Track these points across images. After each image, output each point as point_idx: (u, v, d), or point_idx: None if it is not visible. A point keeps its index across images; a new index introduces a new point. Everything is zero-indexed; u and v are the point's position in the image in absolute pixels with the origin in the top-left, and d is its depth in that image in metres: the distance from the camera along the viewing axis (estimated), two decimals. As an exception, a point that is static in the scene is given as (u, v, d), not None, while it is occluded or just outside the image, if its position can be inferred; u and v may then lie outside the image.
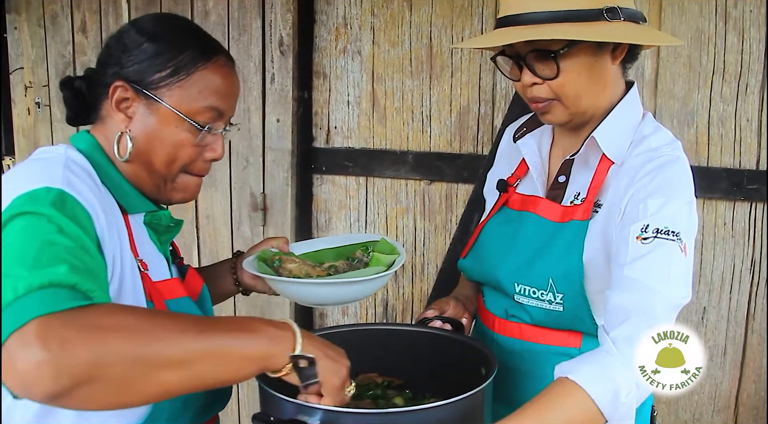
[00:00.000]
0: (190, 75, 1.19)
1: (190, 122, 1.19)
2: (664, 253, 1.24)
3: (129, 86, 1.18)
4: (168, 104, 1.18)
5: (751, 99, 2.39)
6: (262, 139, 2.98)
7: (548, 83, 1.34)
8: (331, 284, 1.37)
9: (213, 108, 1.21)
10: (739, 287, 2.49)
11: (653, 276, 1.23)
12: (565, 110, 1.38)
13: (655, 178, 1.31)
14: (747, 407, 2.55)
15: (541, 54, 1.32)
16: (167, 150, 1.20)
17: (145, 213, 1.26)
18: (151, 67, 1.18)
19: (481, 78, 2.71)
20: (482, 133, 2.74)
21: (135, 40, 1.20)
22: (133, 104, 1.19)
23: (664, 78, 2.47)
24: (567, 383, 1.16)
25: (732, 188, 2.41)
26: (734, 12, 2.37)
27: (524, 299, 1.45)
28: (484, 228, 1.60)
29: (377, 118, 2.89)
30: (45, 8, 3.42)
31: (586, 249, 1.38)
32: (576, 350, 1.44)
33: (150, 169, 1.22)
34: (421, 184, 2.86)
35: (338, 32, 2.91)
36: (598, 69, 1.36)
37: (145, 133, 1.19)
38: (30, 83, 3.53)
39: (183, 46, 1.20)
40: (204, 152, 1.25)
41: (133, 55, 1.19)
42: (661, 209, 1.27)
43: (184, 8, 3.04)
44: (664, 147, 1.37)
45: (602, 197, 1.40)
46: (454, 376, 1.40)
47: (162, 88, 1.18)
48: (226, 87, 1.23)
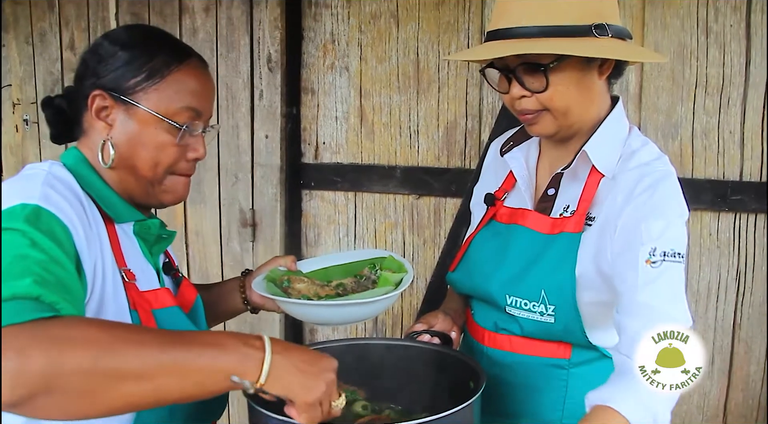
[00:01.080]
0: (165, 77, 1.21)
1: (168, 122, 1.21)
2: (673, 276, 1.28)
3: (107, 94, 1.21)
4: (146, 107, 1.20)
5: (733, 111, 2.42)
6: (251, 155, 2.99)
7: (537, 96, 1.36)
8: (341, 306, 1.39)
9: (190, 108, 1.23)
10: (725, 296, 2.52)
11: (665, 299, 1.27)
12: (553, 121, 1.40)
13: (652, 196, 1.33)
14: (735, 416, 2.57)
15: (531, 67, 1.34)
16: (150, 153, 1.22)
17: (134, 223, 1.27)
18: (126, 73, 1.21)
19: (468, 93, 2.73)
20: (470, 148, 2.76)
21: (109, 50, 1.23)
22: (112, 112, 1.21)
23: (648, 92, 2.50)
24: (609, 412, 1.19)
25: (716, 199, 2.44)
26: (715, 26, 2.41)
27: (515, 310, 1.46)
28: (473, 242, 1.61)
29: (365, 133, 2.91)
30: (33, 26, 3.43)
31: (579, 262, 1.39)
32: (566, 361, 1.46)
33: (136, 174, 1.23)
34: (409, 199, 2.88)
35: (326, 48, 2.93)
36: (586, 83, 1.38)
37: (127, 138, 1.21)
38: (18, 100, 3.53)
39: (155, 51, 1.23)
40: (186, 152, 1.26)
41: (108, 64, 1.22)
42: (666, 232, 1.30)
43: (173, 26, 3.05)
44: (655, 162, 1.40)
45: (594, 211, 1.41)
46: (443, 390, 1.40)
47: (138, 92, 1.20)
48: (200, 87, 1.26)
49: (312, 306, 1.41)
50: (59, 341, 0.85)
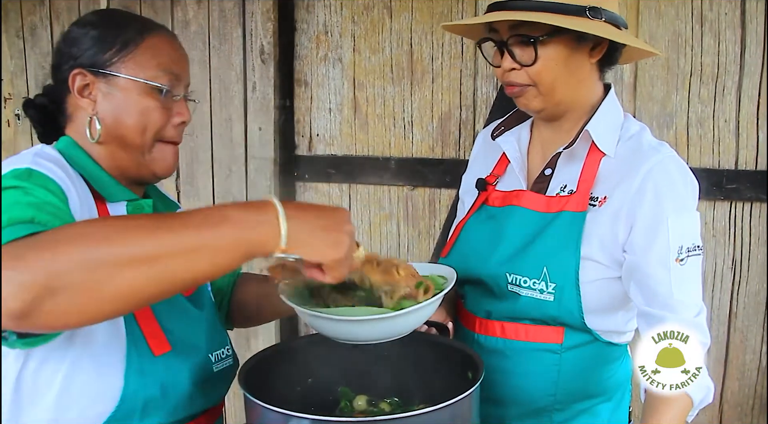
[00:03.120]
0: (139, 45, 1.24)
1: (150, 84, 1.23)
2: (697, 269, 1.38)
3: (86, 71, 1.23)
4: (125, 75, 1.23)
5: (728, 100, 2.42)
6: (244, 147, 2.98)
7: (526, 70, 1.41)
8: (367, 321, 1.16)
9: (168, 71, 1.26)
10: (721, 285, 2.52)
11: (693, 293, 1.36)
12: (538, 96, 1.44)
13: (674, 188, 1.39)
14: (731, 405, 2.57)
15: (522, 40, 1.40)
16: (135, 119, 1.23)
17: (126, 203, 1.27)
18: (101, 48, 1.24)
19: (462, 83, 2.72)
20: (464, 138, 2.75)
21: (79, 32, 1.26)
22: (94, 87, 1.24)
23: (643, 81, 2.50)
24: None
25: (712, 188, 2.44)
26: (710, 15, 2.40)
27: (516, 288, 1.47)
28: (465, 226, 1.62)
29: (359, 125, 2.90)
30: (24, 20, 3.40)
31: (584, 241, 1.41)
32: (558, 345, 1.47)
33: (125, 144, 1.25)
34: (404, 190, 2.87)
35: (319, 40, 2.91)
36: (575, 63, 1.43)
37: (111, 109, 1.24)
38: (9, 95, 3.50)
39: (125, 24, 1.27)
40: (172, 118, 1.28)
41: (81, 44, 1.25)
42: (689, 226, 1.39)
43: (164, 18, 3.03)
44: (664, 149, 1.44)
45: (597, 190, 1.44)
46: (441, 380, 1.40)
47: (116, 63, 1.23)
48: (174, 52, 1.29)
49: (333, 321, 1.16)
50: (54, 241, 0.86)
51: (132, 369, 1.15)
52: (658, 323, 1.29)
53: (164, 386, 1.18)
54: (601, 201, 1.43)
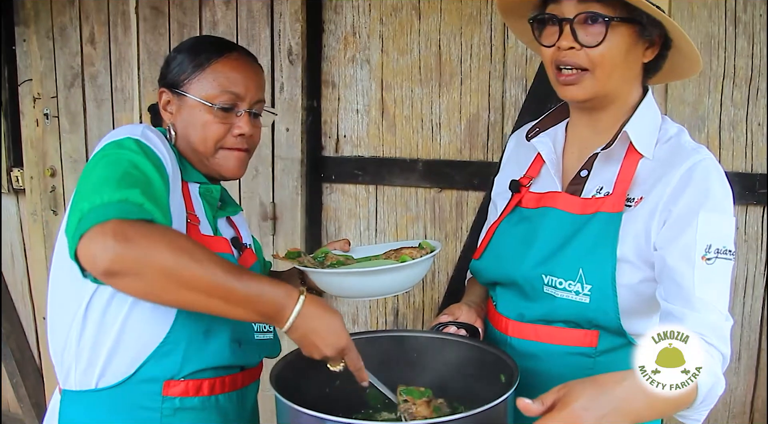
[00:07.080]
0: (205, 69, 1.49)
1: (208, 105, 1.48)
2: (725, 273, 1.32)
3: (168, 90, 1.53)
4: (191, 95, 1.49)
5: (762, 103, 2.38)
6: (271, 148, 2.99)
7: (586, 51, 1.37)
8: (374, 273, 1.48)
9: (227, 91, 1.49)
10: (753, 291, 2.48)
11: (718, 296, 1.31)
12: (594, 84, 1.40)
13: (710, 187, 1.36)
14: (762, 413, 2.53)
15: (593, 18, 1.35)
16: (198, 131, 1.49)
17: (199, 185, 1.51)
18: (180, 71, 1.52)
19: (491, 85, 2.71)
20: (492, 141, 2.73)
21: (172, 56, 1.55)
22: (173, 104, 1.53)
23: (674, 83, 2.46)
24: None
25: (744, 193, 2.40)
26: (744, 16, 2.37)
27: (552, 290, 1.45)
28: (498, 229, 1.61)
29: (386, 126, 2.89)
30: (54, 20, 3.44)
31: (620, 242, 1.40)
32: (592, 349, 1.45)
33: (193, 149, 1.51)
34: (431, 192, 2.86)
35: (347, 41, 2.91)
36: (633, 55, 1.41)
37: (182, 122, 1.51)
38: (38, 95, 3.54)
39: (202, 50, 1.52)
40: (232, 129, 1.51)
41: (170, 67, 1.54)
42: (721, 227, 1.34)
43: (193, 19, 3.05)
44: (702, 150, 1.42)
45: (633, 192, 1.43)
46: (473, 382, 1.39)
47: (186, 84, 1.50)
48: (239, 74, 1.51)
49: (341, 274, 1.52)
50: (156, 239, 1.14)
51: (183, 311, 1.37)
52: (677, 321, 1.27)
53: (208, 332, 1.40)
54: (636, 201, 1.42)
